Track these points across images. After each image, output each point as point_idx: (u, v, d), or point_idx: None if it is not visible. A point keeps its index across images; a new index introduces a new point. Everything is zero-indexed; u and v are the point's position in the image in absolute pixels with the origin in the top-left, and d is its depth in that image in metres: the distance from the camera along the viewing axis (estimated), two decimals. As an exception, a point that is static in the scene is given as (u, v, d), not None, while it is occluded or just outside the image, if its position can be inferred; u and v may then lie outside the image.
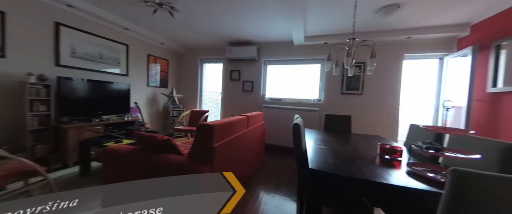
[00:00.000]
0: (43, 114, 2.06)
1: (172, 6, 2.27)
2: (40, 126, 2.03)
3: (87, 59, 2.61)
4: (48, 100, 2.09)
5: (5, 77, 1.91)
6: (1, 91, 1.90)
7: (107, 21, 2.73)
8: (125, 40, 3.13)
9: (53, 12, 2.25)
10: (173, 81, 4.29)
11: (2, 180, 1.27)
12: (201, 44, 3.94)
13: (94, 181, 1.90)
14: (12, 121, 1.97)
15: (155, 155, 1.24)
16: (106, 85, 2.70)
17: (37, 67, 2.10)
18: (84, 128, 2.27)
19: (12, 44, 1.95)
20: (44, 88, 2.05)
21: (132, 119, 2.98)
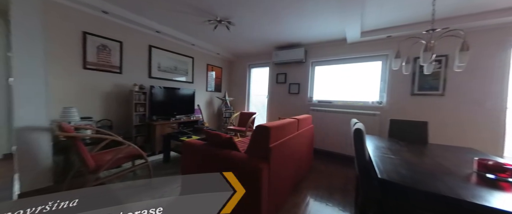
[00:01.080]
0: (141, 114, 2.79)
1: (229, 21, 2.59)
2: (139, 123, 2.76)
3: (167, 71, 3.35)
4: (145, 103, 2.81)
5: (122, 87, 2.73)
6: (119, 97, 2.72)
7: (180, 40, 3.40)
8: (191, 53, 3.79)
9: (147, 38, 3.02)
10: (226, 86, 4.80)
11: (122, 160, 1.80)
12: (249, 51, 4.24)
13: (172, 167, 2.40)
14: (124, 118, 2.77)
15: (220, 150, 1.46)
16: (178, 91, 3.36)
17: (138, 79, 2.88)
18: (165, 125, 2.91)
19: (125, 64, 2.76)
20: (142, 94, 2.78)
21: (195, 118, 3.55)
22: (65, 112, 1.94)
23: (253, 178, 1.22)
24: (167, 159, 2.54)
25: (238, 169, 1.32)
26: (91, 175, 1.53)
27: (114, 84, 2.66)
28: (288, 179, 1.72)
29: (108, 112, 2.61)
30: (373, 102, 2.98)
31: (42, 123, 1.65)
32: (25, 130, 1.58)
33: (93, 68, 2.42)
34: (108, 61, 2.56)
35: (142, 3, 2.30)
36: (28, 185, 1.61)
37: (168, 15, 2.59)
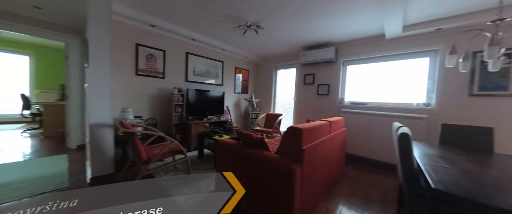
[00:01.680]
0: (179, 114, 3.10)
1: (258, 25, 2.67)
2: (178, 122, 3.07)
3: (200, 75, 3.64)
4: (182, 105, 3.11)
5: (164, 90, 3.08)
6: (162, 99, 3.08)
7: (212, 46, 3.66)
8: (221, 58, 4.03)
9: (185, 46, 3.35)
10: (252, 88, 4.93)
11: (166, 154, 2.04)
12: (276, 53, 4.27)
13: (206, 163, 2.59)
14: (166, 117, 3.12)
15: (252, 150, 1.53)
16: (210, 93, 3.61)
17: (177, 83, 3.22)
18: (199, 124, 3.16)
19: (167, 69, 3.12)
20: (181, 96, 3.09)
21: (225, 119, 3.75)
22: (123, 111, 2.31)
23: (286, 178, 1.24)
24: (201, 155, 2.76)
25: (271, 169, 1.36)
26: (143, 166, 1.78)
27: (158, 88, 3.03)
28: (320, 183, 1.68)
29: (153, 112, 2.98)
30: (419, 104, 2.64)
31: (107, 120, 2.00)
32: (95, 126, 1.94)
33: (142, 74, 2.81)
34: (154, 68, 2.94)
35: (182, 16, 2.58)
36: (97, 171, 1.97)
37: (203, 24, 2.83)
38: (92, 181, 1.92)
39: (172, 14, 2.56)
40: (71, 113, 3.04)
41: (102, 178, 1.99)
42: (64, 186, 1.84)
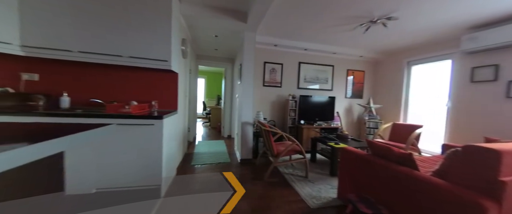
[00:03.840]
0: (293, 118, 3.48)
1: (389, 16, 2.26)
2: (291, 125, 3.47)
3: (310, 81, 3.82)
4: (295, 110, 3.47)
5: (281, 97, 3.65)
6: (279, 104, 3.66)
7: (322, 52, 3.70)
8: (331, 62, 3.92)
9: (297, 56, 3.71)
10: (369, 91, 4.20)
11: (289, 152, 2.37)
12: (409, 44, 3.29)
13: (319, 167, 2.65)
14: (282, 120, 3.66)
15: (393, 166, 1.32)
16: (319, 99, 3.65)
17: (291, 90, 3.65)
18: (310, 129, 3.32)
19: (284, 79, 3.65)
20: (294, 102, 3.46)
21: (335, 126, 3.57)
22: (257, 114, 3.09)
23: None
24: (314, 159, 2.87)
25: (431, 196, 1.09)
26: (275, 158, 2.24)
27: (277, 95, 3.65)
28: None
29: (273, 115, 3.64)
30: None
31: (250, 120, 2.80)
32: (243, 124, 2.78)
33: (267, 85, 3.56)
34: (274, 79, 3.60)
35: (298, 31, 2.91)
36: (244, 155, 2.81)
37: (315, 33, 2.98)
38: (241, 161, 2.79)
39: (291, 32, 2.99)
40: (224, 114, 4.61)
41: (247, 161, 2.80)
42: (227, 161, 2.85)
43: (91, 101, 1.82)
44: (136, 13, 1.74)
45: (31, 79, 1.75)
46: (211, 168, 2.58)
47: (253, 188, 2.02)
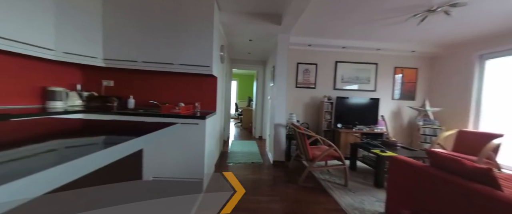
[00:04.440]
0: (328, 121, 3.27)
1: (454, 3, 1.89)
2: (327, 128, 3.26)
3: (349, 82, 3.52)
4: (331, 112, 3.25)
5: (315, 98, 3.48)
6: (313, 106, 3.50)
7: (363, 49, 3.36)
8: (374, 59, 3.52)
9: (334, 55, 3.48)
10: (423, 92, 3.58)
11: (326, 157, 2.23)
12: (485, 34, 2.65)
13: (360, 176, 2.40)
14: (316, 123, 3.48)
15: (466, 182, 1.09)
16: (360, 100, 3.31)
17: (326, 91, 3.44)
18: (349, 133, 3.05)
19: (318, 80, 3.48)
20: (329, 104, 3.25)
21: (380, 131, 3.17)
22: (290, 116, 3.04)
23: None
24: (354, 167, 2.62)
25: None
26: (310, 163, 2.15)
27: (310, 97, 3.50)
28: None
29: (306, 117, 3.51)
30: None
31: (283, 122, 2.77)
32: (276, 125, 2.78)
33: (300, 86, 3.46)
34: (307, 80, 3.47)
35: (336, 29, 2.73)
36: (276, 157, 2.80)
37: (355, 29, 2.73)
38: (274, 163, 2.79)
39: (327, 30, 2.83)
40: (256, 115, 4.71)
41: (279, 163, 2.79)
42: (260, 162, 2.89)
43: (149, 102, 2.16)
44: (185, 26, 1.98)
45: (108, 85, 2.21)
46: (245, 167, 2.67)
47: (286, 191, 1.99)
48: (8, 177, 0.25)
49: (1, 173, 0.30)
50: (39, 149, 0.44)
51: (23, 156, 0.39)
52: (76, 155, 0.35)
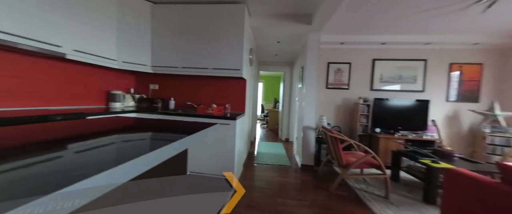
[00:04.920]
0: (364, 125, 2.98)
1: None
2: (362, 133, 2.98)
3: (390, 82, 3.14)
4: (367, 115, 2.96)
5: (348, 100, 3.23)
6: (346, 109, 3.25)
7: (408, 44, 2.96)
8: (423, 55, 3.06)
9: (371, 53, 3.17)
10: (491, 92, 2.93)
11: (362, 165, 2.04)
12: None
13: (404, 189, 2.11)
14: (349, 126, 3.23)
15: None
16: (403, 103, 2.92)
17: (362, 92, 3.15)
18: (389, 139, 2.72)
19: (352, 80, 3.22)
20: (366, 106, 2.97)
21: (430, 138, 2.73)
22: (320, 119, 2.90)
23: None
24: (396, 177, 2.32)
25: None
26: (343, 169, 2.01)
27: (343, 98, 3.27)
28: None
29: (338, 120, 3.28)
30: None
31: (312, 124, 2.66)
32: (305, 128, 2.68)
33: (331, 87, 3.27)
34: (339, 80, 3.25)
35: (374, 23, 2.48)
36: (305, 160, 2.71)
37: (398, 22, 2.42)
38: (302, 167, 2.70)
39: (363, 26, 2.60)
40: (282, 117, 4.65)
41: (308, 167, 2.69)
42: (288, 164, 2.84)
43: (187, 104, 2.38)
44: (218, 33, 2.11)
45: (154, 88, 2.52)
46: (272, 168, 2.66)
47: (317, 197, 1.90)
48: (111, 163, 0.32)
49: (105, 160, 0.38)
50: (118, 141, 0.54)
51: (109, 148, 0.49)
52: (151, 148, 0.41)
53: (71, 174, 0.31)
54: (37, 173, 0.33)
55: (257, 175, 2.42)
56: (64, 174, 0.32)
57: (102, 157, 0.44)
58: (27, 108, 1.50)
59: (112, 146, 0.55)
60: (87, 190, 0.27)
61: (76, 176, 0.28)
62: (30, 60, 1.51)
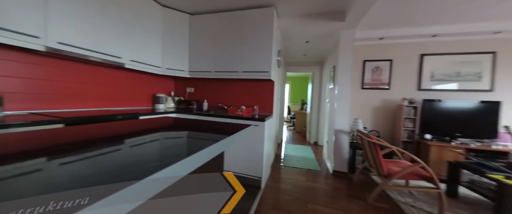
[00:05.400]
0: (410, 129, 2.61)
1: None
2: (407, 139, 2.62)
3: (443, 80, 2.68)
4: (414, 119, 2.59)
5: (388, 102, 2.89)
6: (386, 111, 2.91)
7: (470, 34, 2.48)
8: (491, 47, 2.51)
9: (418, 47, 2.76)
10: None
11: (408, 176, 1.78)
12: None
13: (464, 208, 1.75)
14: (390, 131, 2.88)
15: None
16: (464, 105, 2.44)
17: (406, 93, 2.78)
18: (444, 148, 2.31)
19: (393, 79, 2.87)
20: (412, 109, 2.60)
21: (503, 148, 2.20)
22: (354, 122, 2.68)
23: None
24: (454, 193, 1.95)
25: None
26: (384, 179, 1.80)
27: (382, 100, 2.94)
28: None
29: (376, 124, 2.97)
30: None
31: (346, 128, 2.48)
32: (338, 132, 2.51)
33: (367, 88, 2.98)
34: (378, 80, 2.93)
35: (423, 12, 2.15)
36: (337, 166, 2.53)
37: (455, 10, 2.04)
38: (334, 173, 2.53)
39: (409, 16, 2.29)
40: (311, 119, 4.46)
41: (340, 173, 2.51)
42: (317, 169, 2.70)
43: (218, 105, 2.53)
44: (248, 36, 2.18)
45: (190, 91, 2.76)
46: (301, 172, 2.57)
47: (351, 207, 1.75)
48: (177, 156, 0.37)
49: (172, 153, 0.44)
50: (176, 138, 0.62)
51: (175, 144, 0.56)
52: (204, 145, 0.47)
53: (156, 163, 0.38)
54: (129, 162, 0.40)
55: (285, 177, 2.38)
56: (159, 160, 0.39)
57: (174, 151, 0.51)
58: (95, 109, 1.84)
59: (173, 142, 0.63)
60: (162, 179, 0.32)
61: (157, 166, 0.33)
62: (97, 70, 1.86)
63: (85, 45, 1.49)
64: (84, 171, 0.34)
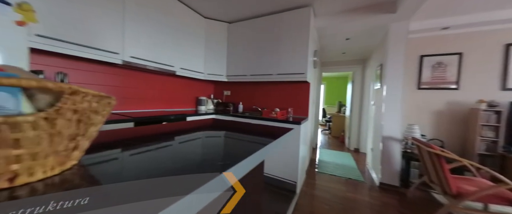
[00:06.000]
0: (490, 140, 2.07)
1: None
2: (486, 151, 2.08)
3: (547, 76, 2.01)
4: (497, 127, 2.03)
5: (457, 104, 2.37)
6: (453, 116, 2.39)
7: None
8: None
9: (501, 36, 2.17)
10: None
11: (490, 199, 1.41)
12: None
13: None
14: (460, 141, 2.35)
15: None
16: None
17: (483, 94, 2.21)
18: (549, 167, 1.73)
19: (464, 77, 2.34)
20: (493, 114, 2.05)
21: None
22: (409, 128, 2.31)
23: None
24: None
25: None
26: (451, 199, 1.48)
27: (447, 102, 2.43)
28: None
29: (438, 131, 2.47)
30: None
31: (397, 135, 2.16)
32: (386, 139, 2.21)
33: (425, 88, 2.52)
34: (441, 78, 2.44)
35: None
36: (385, 178, 2.23)
37: None
38: (380, 185, 2.24)
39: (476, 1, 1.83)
40: (351, 123, 4.07)
41: (389, 187, 2.19)
42: (361, 179, 2.44)
43: (252, 107, 2.62)
44: (283, 38, 2.18)
45: (227, 94, 2.95)
46: (340, 181, 2.38)
47: (407, 228, 1.51)
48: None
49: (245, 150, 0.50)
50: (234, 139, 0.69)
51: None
52: (256, 148, 0.50)
53: (220, 162, 0.44)
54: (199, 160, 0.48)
55: (322, 184, 2.25)
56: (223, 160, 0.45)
57: (235, 152, 0.58)
58: (154, 110, 2.19)
59: (232, 142, 0.71)
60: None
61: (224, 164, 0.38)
62: (154, 77, 2.20)
63: (148, 57, 1.80)
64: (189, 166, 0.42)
